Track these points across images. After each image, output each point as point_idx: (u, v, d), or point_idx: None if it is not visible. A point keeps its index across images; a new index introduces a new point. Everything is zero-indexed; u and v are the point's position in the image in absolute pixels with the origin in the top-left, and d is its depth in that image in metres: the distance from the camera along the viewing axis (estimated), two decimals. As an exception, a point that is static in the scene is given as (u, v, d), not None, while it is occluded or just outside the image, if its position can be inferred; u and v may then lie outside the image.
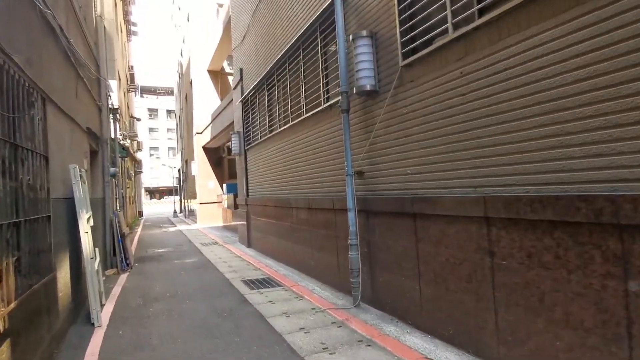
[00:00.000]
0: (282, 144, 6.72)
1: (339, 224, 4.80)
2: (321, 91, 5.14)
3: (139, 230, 16.09)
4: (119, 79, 15.38)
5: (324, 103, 5.08)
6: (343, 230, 4.70)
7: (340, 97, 4.36)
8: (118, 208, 8.31)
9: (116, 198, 8.41)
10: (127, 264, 7.09)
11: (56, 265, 3.62)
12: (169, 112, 59.74)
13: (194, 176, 19.07)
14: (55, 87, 4.04)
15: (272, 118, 7.48)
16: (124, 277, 6.44)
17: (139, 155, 26.45)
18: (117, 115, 9.92)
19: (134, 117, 16.51)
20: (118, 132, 11.48)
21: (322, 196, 5.23)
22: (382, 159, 3.93)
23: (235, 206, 11.93)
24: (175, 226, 17.40)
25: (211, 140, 15.47)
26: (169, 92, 62.03)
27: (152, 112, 59.19)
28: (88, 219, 4.44)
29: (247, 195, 9.28)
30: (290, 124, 6.20)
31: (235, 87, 10.08)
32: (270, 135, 7.30)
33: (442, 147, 3.13)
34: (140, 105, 56.03)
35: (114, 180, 7.39)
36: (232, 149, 9.76)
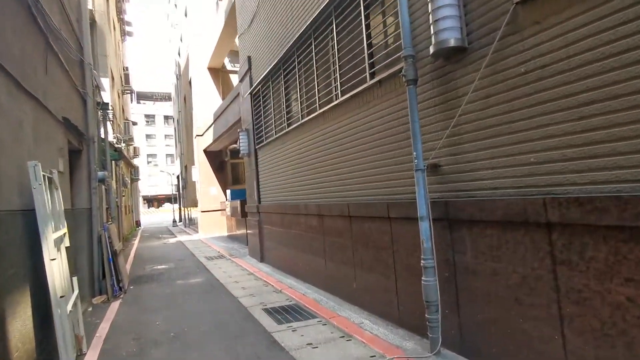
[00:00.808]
0: (306, 139, 5.54)
1: (397, 236, 3.61)
2: (365, 64, 3.97)
3: (135, 242, 14.83)
4: (112, 77, 14.22)
5: (369, 80, 3.92)
6: (404, 246, 3.51)
7: (402, 65, 3.19)
8: (110, 220, 7.08)
9: (107, 208, 7.19)
10: (120, 288, 5.86)
11: (5, 312, 2.41)
12: (166, 118, 58.60)
13: (194, 182, 17.84)
14: (11, 52, 2.85)
15: (290, 109, 6.31)
16: (115, 306, 5.21)
17: (135, 161, 25.25)
18: (110, 113, 8.74)
19: (129, 120, 15.32)
20: (110, 133, 10.29)
21: (369, 201, 4.04)
22: (475, 145, 2.74)
23: (244, 214, 10.71)
24: (176, 237, 16.14)
25: (213, 142, 14.28)
26: (166, 97, 60.95)
27: (149, 118, 58.03)
28: (59, 239, 3.23)
29: (259, 202, 8.08)
30: (318, 112, 5.03)
31: (242, 79, 8.91)
32: (289, 129, 6.13)
33: (603, 117, 1.96)
34: (136, 111, 54.88)
35: (103, 186, 6.17)
36: (240, 148, 8.57)
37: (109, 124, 10.45)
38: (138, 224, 24.80)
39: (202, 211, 15.50)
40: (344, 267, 4.63)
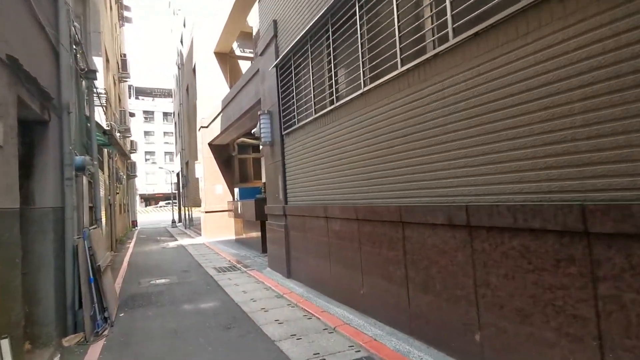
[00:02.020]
0: (369, 115, 3.91)
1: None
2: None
3: (131, 245, 13.12)
4: (107, 59, 12.56)
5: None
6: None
7: None
8: (95, 223, 5.41)
9: (91, 207, 5.52)
10: (105, 319, 4.19)
11: None
12: (165, 114, 56.91)
13: (197, 180, 16.17)
14: None
15: (340, 79, 4.68)
16: (94, 352, 3.54)
17: (133, 157, 23.57)
18: (103, 98, 7.09)
19: (124, 110, 13.64)
20: (102, 116, 8.65)
21: (531, 201, 2.39)
22: None
23: (260, 216, 9.06)
24: (176, 240, 14.45)
25: (221, 134, 12.62)
26: (165, 94, 59.32)
27: (148, 114, 56.32)
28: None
29: (285, 202, 6.43)
30: (397, 72, 3.39)
31: (263, 52, 7.27)
32: (338, 105, 4.49)
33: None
34: (135, 107, 53.20)
35: (84, 177, 4.49)
36: (261, 135, 6.93)
37: (100, 109, 8.80)
38: (134, 224, 23.08)
39: (205, 212, 13.83)
40: (452, 304, 2.98)
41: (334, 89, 4.70)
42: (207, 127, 14.16)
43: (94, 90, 5.80)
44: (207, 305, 5.05)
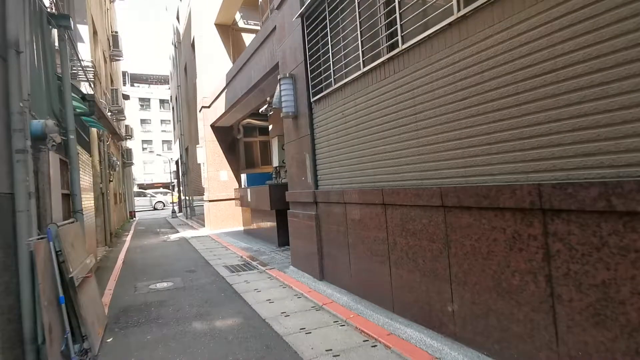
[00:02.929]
0: (467, 54, 2.59)
1: None
2: None
3: (128, 238, 11.88)
4: (95, 31, 11.10)
5: None
6: None
7: None
8: (73, 216, 4.12)
9: (70, 195, 4.21)
10: (85, 353, 2.95)
11: None
12: (162, 102, 55.21)
13: (198, 167, 14.86)
14: None
15: (392, 22, 3.33)
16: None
17: (129, 144, 22.19)
18: (86, 62, 5.72)
19: (117, 89, 12.23)
20: (87, 88, 7.32)
21: None
22: None
23: (275, 205, 7.80)
24: (177, 232, 13.21)
25: (225, 113, 11.25)
26: (161, 80, 57.55)
27: (144, 102, 54.61)
28: None
29: (316, 187, 5.14)
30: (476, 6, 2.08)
31: (280, 4, 5.89)
32: (409, 46, 3.16)
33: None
34: (130, 94, 51.41)
35: (49, 152, 3.17)
36: (282, 107, 5.60)
37: (87, 84, 7.41)
38: (132, 215, 21.84)
39: (209, 200, 12.56)
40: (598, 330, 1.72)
41: (398, 25, 3.36)
42: (208, 107, 12.78)
43: (71, 44, 4.44)
44: (225, 323, 3.80)
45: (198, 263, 7.10)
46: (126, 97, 17.25)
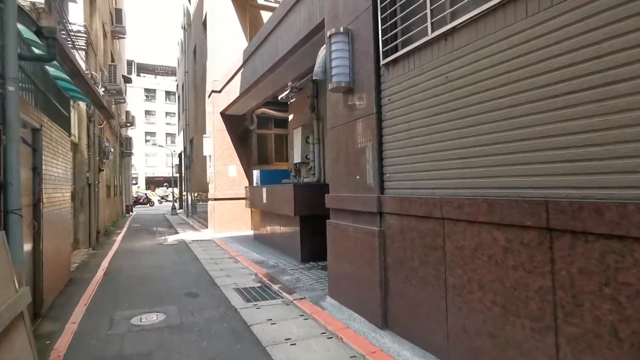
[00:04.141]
0: None
1: None
2: None
3: (118, 238, 10.27)
4: (92, -6, 9.55)
5: None
6: None
7: None
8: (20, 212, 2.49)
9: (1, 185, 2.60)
10: None
11: None
12: (168, 94, 53.80)
13: (202, 161, 13.27)
14: None
15: None
16: None
17: (130, 134, 20.66)
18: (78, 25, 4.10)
19: (115, 65, 10.63)
20: (77, 58, 5.72)
21: None
22: None
23: (299, 210, 6.21)
24: (176, 232, 11.59)
25: (239, 98, 9.64)
26: (168, 72, 56.12)
27: (150, 93, 53.21)
28: None
29: (381, 191, 3.51)
30: None
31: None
32: None
33: None
34: (135, 84, 50.06)
35: None
36: (332, 75, 3.96)
37: (78, 54, 5.82)
38: (129, 209, 20.26)
39: (215, 199, 10.94)
40: None
41: None
42: (219, 91, 11.18)
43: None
44: None
45: (200, 281, 5.46)
46: (128, 79, 15.66)
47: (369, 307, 3.61)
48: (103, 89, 9.06)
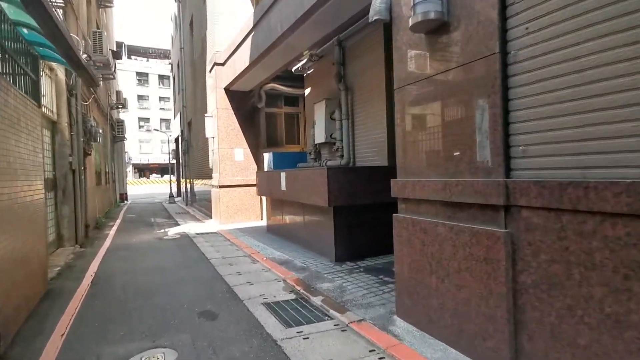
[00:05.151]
0: None
1: None
2: None
3: (111, 232, 9.03)
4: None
5: None
6: None
7: None
8: None
9: None
10: None
11: None
12: (161, 77, 51.80)
13: (204, 143, 11.96)
14: None
15: None
16: None
17: (122, 116, 19.19)
18: None
19: (100, 31, 9.15)
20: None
21: None
22: None
23: (337, 200, 5.02)
24: (178, 224, 10.36)
25: (248, 69, 8.29)
26: (161, 54, 53.94)
27: (142, 76, 51.16)
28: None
29: (506, 173, 2.29)
30: None
31: None
32: None
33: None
34: (127, 67, 47.99)
35: None
36: (417, 3, 2.69)
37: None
38: (124, 198, 18.95)
39: (220, 186, 9.68)
40: None
41: None
42: (223, 64, 9.80)
43: None
44: None
45: (216, 291, 4.26)
46: (117, 55, 14.12)
47: (482, 344, 2.44)
48: (86, 56, 7.67)
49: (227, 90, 9.93)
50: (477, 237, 2.44)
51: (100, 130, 9.45)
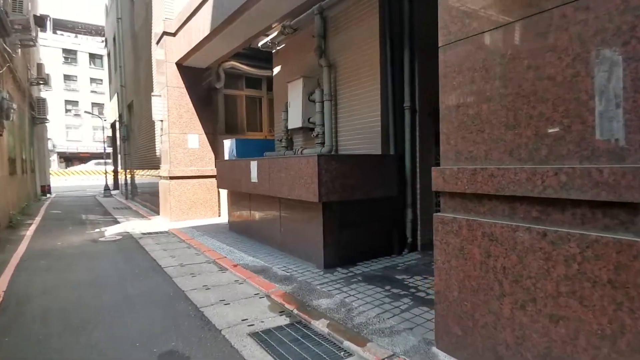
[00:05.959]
0: None
1: None
2: None
3: (28, 233, 7.30)
4: None
5: None
6: None
7: None
8: None
9: None
10: None
11: None
12: (92, 56, 46.68)
13: (151, 127, 10.36)
14: None
15: None
16: None
17: (45, 95, 16.48)
18: None
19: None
20: None
21: None
22: None
23: (330, 194, 4.16)
24: (117, 221, 8.77)
25: (205, 41, 7.01)
26: (92, 31, 48.52)
27: (70, 54, 45.71)
28: None
29: (656, 153, 1.57)
30: None
31: None
32: None
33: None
34: (51, 43, 42.41)
35: None
36: None
37: None
38: (47, 191, 16.34)
39: (171, 177, 8.30)
40: None
41: None
42: (174, 34, 8.36)
43: None
44: None
45: (180, 317, 3.18)
46: (41, 22, 11.75)
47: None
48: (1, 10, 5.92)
49: (180, 65, 8.52)
50: (596, 248, 1.71)
51: (15, 106, 7.57)
